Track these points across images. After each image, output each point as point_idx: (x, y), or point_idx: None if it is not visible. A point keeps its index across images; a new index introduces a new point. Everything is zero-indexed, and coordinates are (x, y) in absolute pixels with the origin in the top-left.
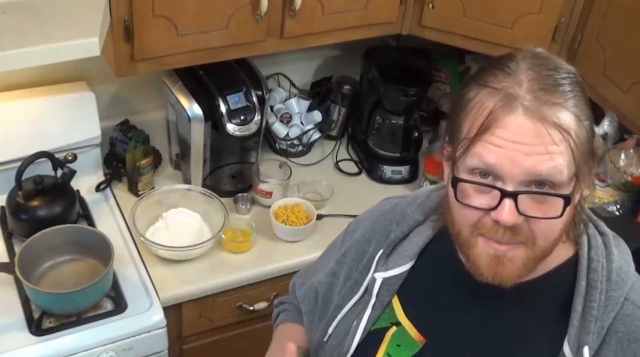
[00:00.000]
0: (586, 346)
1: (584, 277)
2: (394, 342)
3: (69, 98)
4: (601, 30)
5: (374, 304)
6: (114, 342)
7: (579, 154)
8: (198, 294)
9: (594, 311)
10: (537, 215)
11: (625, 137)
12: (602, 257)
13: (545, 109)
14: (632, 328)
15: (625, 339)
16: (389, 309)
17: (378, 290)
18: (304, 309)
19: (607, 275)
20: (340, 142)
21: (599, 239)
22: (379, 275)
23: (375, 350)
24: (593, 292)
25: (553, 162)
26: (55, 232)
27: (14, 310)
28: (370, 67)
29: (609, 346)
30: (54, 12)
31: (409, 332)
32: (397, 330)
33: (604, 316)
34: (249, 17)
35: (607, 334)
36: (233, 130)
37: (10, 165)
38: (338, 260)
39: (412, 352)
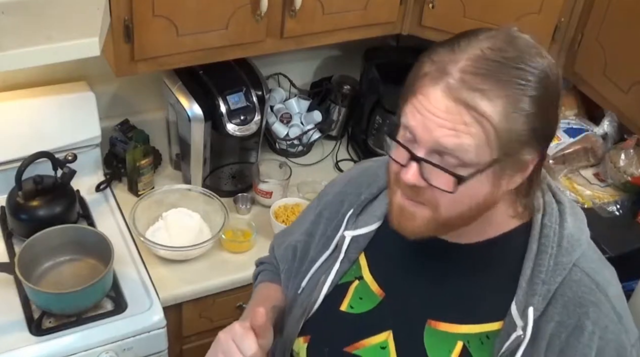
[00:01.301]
0: (531, 306)
1: (535, 242)
2: (356, 295)
3: (69, 98)
4: (601, 30)
5: (342, 260)
6: (114, 342)
7: (498, 142)
8: (198, 294)
9: (542, 275)
10: (436, 185)
11: (625, 137)
12: (555, 223)
13: (464, 91)
14: (578, 293)
15: (570, 304)
16: (356, 265)
17: (347, 247)
18: (282, 268)
19: (558, 241)
20: (340, 142)
21: (554, 206)
22: (349, 233)
23: (340, 301)
24: (542, 256)
25: (459, 139)
26: (55, 232)
27: (14, 310)
28: (370, 67)
29: (554, 308)
30: (54, 12)
31: (371, 286)
32: (360, 284)
33: (551, 280)
34: (249, 17)
35: (554, 298)
36: (233, 130)
37: (10, 165)
38: (313, 220)
39: (372, 305)
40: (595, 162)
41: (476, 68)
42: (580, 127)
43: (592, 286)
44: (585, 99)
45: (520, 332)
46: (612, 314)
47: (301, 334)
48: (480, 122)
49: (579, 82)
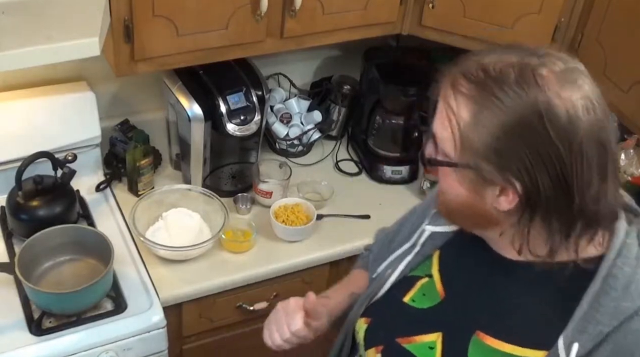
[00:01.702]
0: (577, 343)
1: (600, 279)
2: (421, 291)
3: (69, 98)
4: (601, 30)
5: (416, 253)
6: (114, 342)
7: (461, 144)
8: (198, 294)
9: (597, 314)
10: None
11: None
12: (628, 267)
13: (450, 89)
14: (632, 344)
15: (621, 352)
16: (429, 261)
17: (424, 241)
18: (375, 252)
19: (626, 284)
20: (340, 142)
21: (635, 251)
22: (429, 228)
23: (404, 292)
24: (604, 296)
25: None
26: (55, 232)
27: (14, 310)
28: (370, 67)
29: (602, 350)
30: (54, 12)
31: (436, 285)
32: (428, 281)
33: (606, 322)
34: (249, 17)
35: (605, 341)
36: (233, 130)
37: (10, 165)
38: (410, 212)
39: (432, 303)
40: None
41: (470, 75)
42: None
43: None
44: None
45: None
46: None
47: (364, 315)
48: (452, 120)
49: None
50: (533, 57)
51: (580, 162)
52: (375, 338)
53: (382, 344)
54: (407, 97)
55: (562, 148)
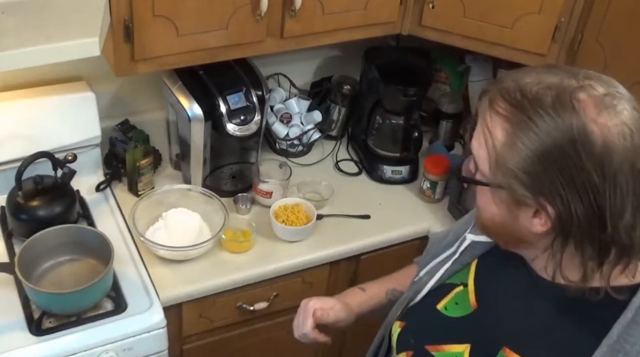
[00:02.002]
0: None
1: (633, 310)
2: (454, 300)
3: (69, 98)
4: (601, 30)
5: (455, 260)
6: (114, 342)
7: (495, 164)
8: (198, 294)
9: (627, 345)
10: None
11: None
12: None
13: (488, 108)
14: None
15: None
16: (466, 269)
17: (464, 249)
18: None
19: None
20: (340, 142)
21: None
22: (470, 236)
23: (439, 300)
24: (635, 327)
25: (476, 148)
26: (55, 232)
27: (14, 310)
28: (370, 67)
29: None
30: (54, 12)
31: (469, 295)
32: (462, 290)
33: (634, 354)
34: (249, 17)
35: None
36: (233, 130)
37: (10, 165)
38: (460, 220)
39: (464, 313)
40: None
41: (508, 95)
42: None
43: None
44: None
45: None
46: None
47: (400, 319)
48: (487, 138)
49: None
50: (572, 80)
51: (614, 191)
52: (407, 343)
53: (412, 350)
54: (407, 97)
55: (596, 175)
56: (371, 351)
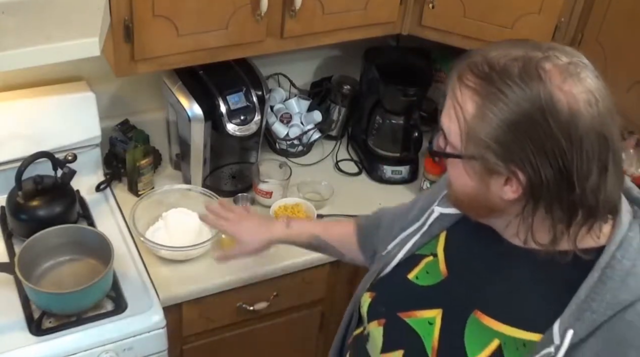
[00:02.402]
0: (571, 329)
1: (599, 270)
2: (425, 269)
3: (69, 98)
4: (601, 30)
5: (424, 232)
6: (114, 342)
7: (467, 136)
8: (198, 294)
9: (594, 303)
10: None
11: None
12: (627, 259)
13: (457, 82)
14: (624, 333)
15: (613, 341)
16: (435, 240)
17: (432, 221)
18: (384, 222)
19: (623, 277)
20: (340, 142)
21: (635, 244)
22: (438, 209)
23: (409, 270)
24: (601, 286)
25: (446, 122)
26: (55, 232)
27: (14, 310)
28: (370, 67)
29: (595, 339)
30: (54, 12)
31: (439, 264)
32: (432, 260)
33: (601, 311)
34: (249, 17)
35: (598, 329)
36: (233, 130)
37: (10, 165)
38: (422, 195)
39: (434, 281)
40: None
41: (477, 68)
42: None
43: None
44: None
45: (552, 350)
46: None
47: (370, 290)
48: (458, 112)
49: None
50: (537, 52)
51: (580, 155)
52: (378, 311)
53: (384, 318)
54: (407, 97)
55: (564, 141)
56: (342, 326)
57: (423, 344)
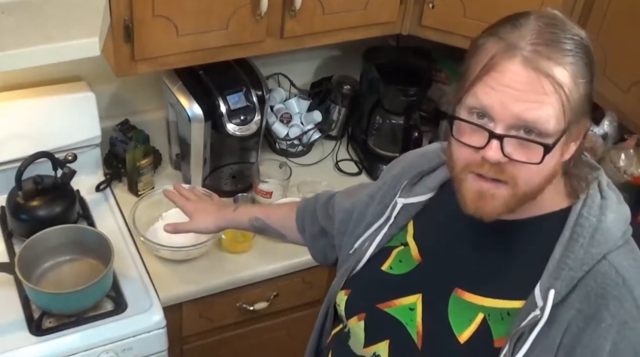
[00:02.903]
0: (553, 289)
1: (569, 229)
2: (397, 258)
3: (69, 98)
4: (601, 30)
5: (391, 225)
6: (114, 342)
7: (570, 110)
8: (198, 294)
9: (569, 261)
10: (520, 158)
11: (625, 137)
12: (592, 216)
13: (542, 61)
14: (602, 285)
15: (592, 294)
16: (403, 231)
17: (397, 213)
18: (338, 218)
19: (592, 232)
20: (340, 142)
21: (597, 200)
22: (401, 200)
23: (381, 262)
24: (573, 244)
25: (541, 111)
26: (55, 232)
27: (14, 310)
28: (370, 67)
29: (576, 296)
30: (54, 12)
31: (412, 252)
32: (404, 249)
33: (577, 268)
34: (249, 17)
35: (577, 286)
36: (233, 130)
37: (10, 166)
38: (378, 186)
39: (409, 268)
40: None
41: (543, 39)
42: None
43: (618, 281)
44: None
45: (538, 312)
46: (634, 311)
47: (344, 288)
48: (558, 90)
49: None
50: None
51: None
52: (356, 307)
53: (364, 312)
54: (407, 97)
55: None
56: (317, 326)
57: (407, 330)
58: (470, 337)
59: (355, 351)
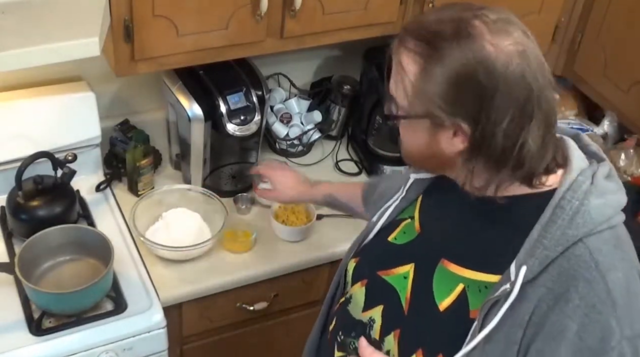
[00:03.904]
0: (525, 265)
1: (550, 210)
2: (403, 230)
3: (69, 98)
4: (601, 30)
5: (402, 198)
6: (114, 342)
7: (414, 97)
8: (198, 294)
9: (545, 240)
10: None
11: (625, 137)
12: (575, 200)
13: (400, 47)
14: (574, 266)
15: (564, 274)
16: (413, 205)
17: (408, 187)
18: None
19: (572, 215)
20: (340, 142)
21: (584, 186)
22: (413, 175)
23: (389, 233)
24: (551, 224)
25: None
26: (55, 232)
27: (14, 310)
28: (370, 67)
29: (548, 275)
30: (54, 12)
31: (415, 223)
32: (409, 222)
33: (552, 247)
34: (249, 17)
35: (551, 265)
36: (233, 130)
37: (10, 166)
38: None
39: (409, 239)
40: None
41: (416, 32)
42: (580, 127)
43: (591, 264)
44: (585, 99)
45: (508, 286)
46: (604, 295)
47: (354, 256)
48: (402, 75)
49: (579, 82)
50: (468, 12)
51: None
52: (361, 273)
53: (366, 278)
54: None
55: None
56: (328, 296)
57: (399, 297)
58: (449, 306)
59: (355, 316)
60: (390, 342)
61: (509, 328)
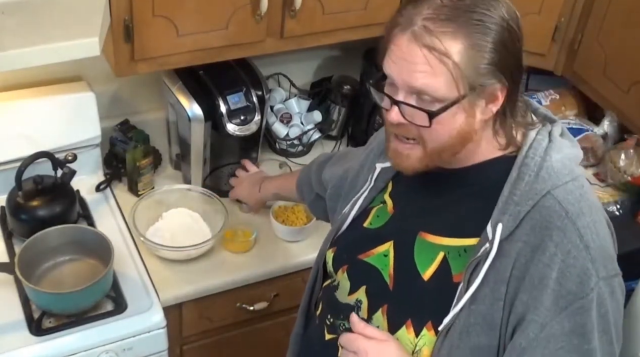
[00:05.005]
0: (500, 223)
1: (516, 169)
2: (376, 214)
3: (69, 98)
4: (601, 30)
5: (371, 188)
6: (114, 342)
7: (463, 78)
8: (198, 294)
9: (515, 197)
10: (414, 121)
11: (625, 137)
12: (538, 156)
13: (427, 36)
14: (546, 217)
15: (537, 226)
16: (383, 191)
17: (376, 176)
18: (331, 184)
19: (537, 170)
20: (340, 142)
21: (544, 144)
22: (379, 165)
23: (363, 221)
24: (519, 181)
25: (428, 79)
26: (55, 232)
27: (14, 310)
28: (370, 67)
29: (523, 230)
30: (54, 12)
31: (388, 206)
32: (382, 206)
33: (523, 203)
34: (249, 17)
35: (524, 220)
36: (233, 130)
37: (10, 165)
38: (366, 154)
39: (384, 221)
40: (595, 162)
41: (437, 15)
42: (580, 127)
43: (562, 213)
44: (585, 99)
45: (488, 245)
46: (577, 240)
47: (331, 247)
48: (443, 61)
49: (579, 82)
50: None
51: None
52: (341, 261)
53: (347, 264)
54: None
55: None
56: (308, 285)
57: (382, 275)
58: (432, 274)
59: (342, 300)
60: (379, 319)
61: (492, 285)
